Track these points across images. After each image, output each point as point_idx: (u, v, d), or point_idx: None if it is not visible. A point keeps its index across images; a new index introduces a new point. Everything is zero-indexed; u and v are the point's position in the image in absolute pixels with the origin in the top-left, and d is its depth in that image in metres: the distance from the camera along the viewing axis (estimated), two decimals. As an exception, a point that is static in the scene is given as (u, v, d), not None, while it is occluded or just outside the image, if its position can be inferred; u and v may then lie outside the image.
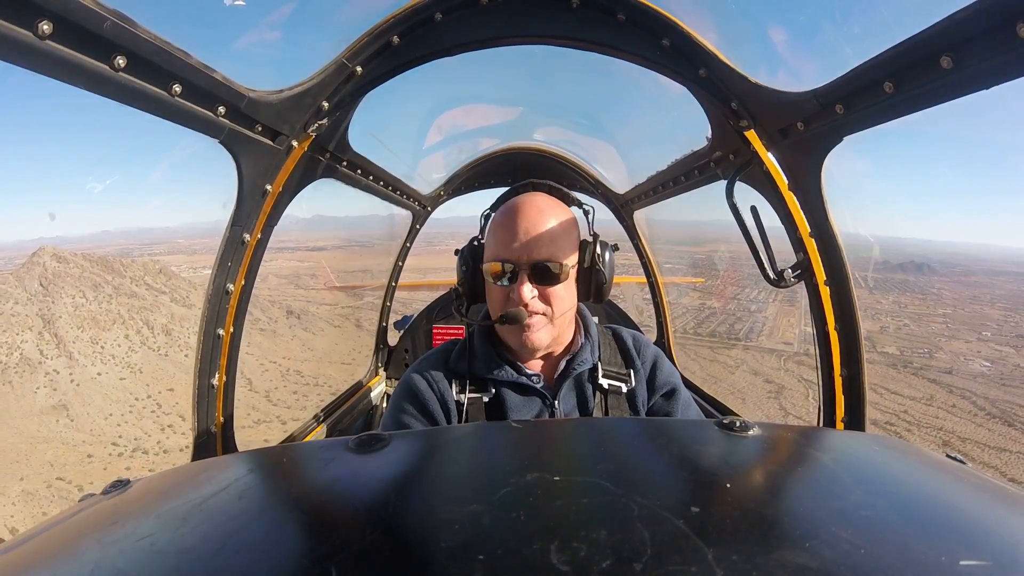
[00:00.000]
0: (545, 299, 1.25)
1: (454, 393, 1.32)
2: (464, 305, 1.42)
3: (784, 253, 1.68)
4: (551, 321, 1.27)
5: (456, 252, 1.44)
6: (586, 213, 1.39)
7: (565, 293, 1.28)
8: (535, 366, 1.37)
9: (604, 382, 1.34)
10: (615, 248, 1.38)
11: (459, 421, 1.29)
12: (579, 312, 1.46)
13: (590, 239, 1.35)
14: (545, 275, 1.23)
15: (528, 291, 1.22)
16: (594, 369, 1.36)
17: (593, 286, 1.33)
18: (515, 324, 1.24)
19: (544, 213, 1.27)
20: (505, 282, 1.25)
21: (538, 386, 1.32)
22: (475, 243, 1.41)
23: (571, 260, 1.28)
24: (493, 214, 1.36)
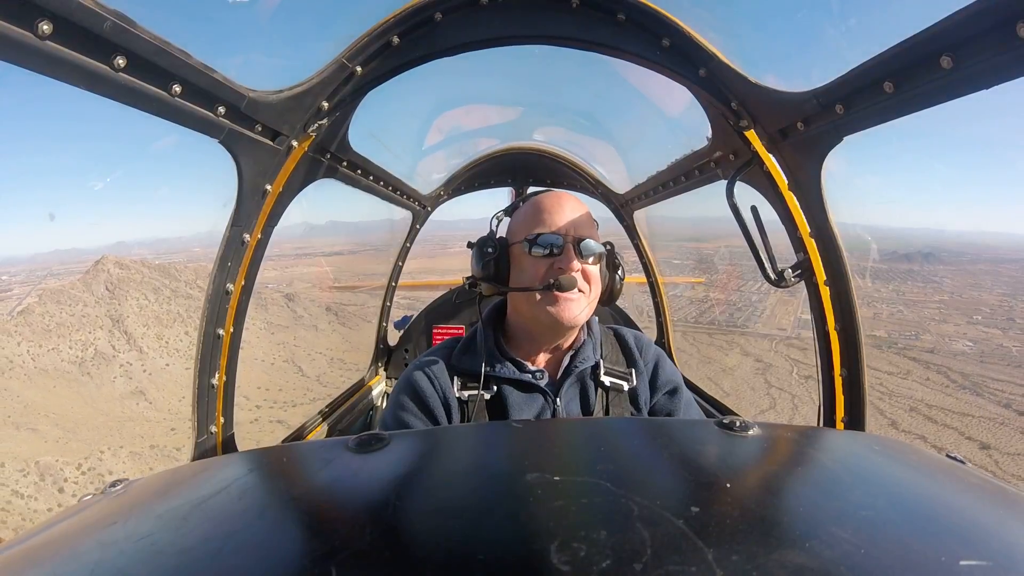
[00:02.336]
0: (586, 277, 1.29)
1: (455, 390, 1.32)
2: (478, 294, 1.40)
3: (784, 253, 1.68)
4: (588, 299, 1.30)
5: (469, 244, 1.43)
6: (596, 226, 1.42)
7: (599, 277, 1.33)
8: (538, 362, 1.37)
9: (606, 380, 1.35)
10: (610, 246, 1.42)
11: (460, 418, 1.29)
12: None
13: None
14: (588, 252, 1.27)
15: (578, 261, 1.26)
16: (596, 367, 1.36)
17: (609, 288, 1.39)
18: (564, 291, 1.24)
19: (579, 200, 1.34)
20: (554, 252, 1.26)
21: (541, 383, 1.32)
22: (499, 236, 1.39)
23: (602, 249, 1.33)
24: (522, 204, 1.39)
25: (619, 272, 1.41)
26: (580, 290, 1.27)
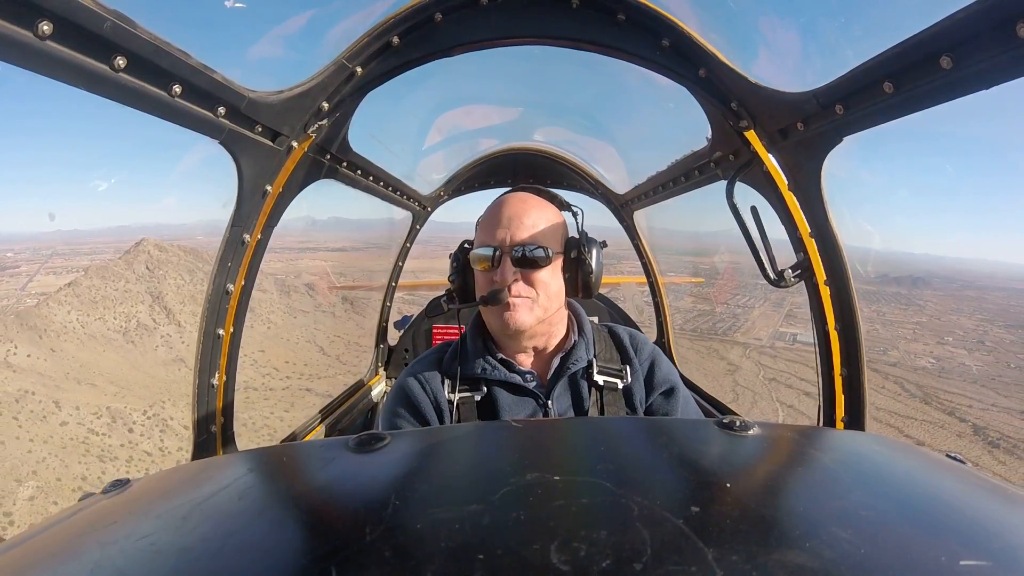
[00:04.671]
0: (530, 283, 1.27)
1: (446, 393, 1.32)
2: (456, 303, 1.44)
3: (784, 253, 1.68)
4: (536, 305, 1.28)
5: (450, 255, 1.47)
6: (575, 215, 1.40)
7: (551, 279, 1.29)
8: (528, 364, 1.37)
9: (599, 378, 1.34)
10: (603, 245, 1.38)
11: (451, 420, 1.29)
12: (573, 311, 1.46)
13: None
14: (527, 259, 1.25)
15: (510, 272, 1.24)
16: (589, 366, 1.35)
17: (580, 280, 1.33)
18: (497, 304, 1.25)
19: (527, 203, 1.30)
20: (493, 263, 1.27)
21: (530, 385, 1.32)
22: (465, 245, 1.44)
23: (555, 247, 1.29)
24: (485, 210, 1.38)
25: (590, 264, 1.32)
26: (525, 296, 1.27)
